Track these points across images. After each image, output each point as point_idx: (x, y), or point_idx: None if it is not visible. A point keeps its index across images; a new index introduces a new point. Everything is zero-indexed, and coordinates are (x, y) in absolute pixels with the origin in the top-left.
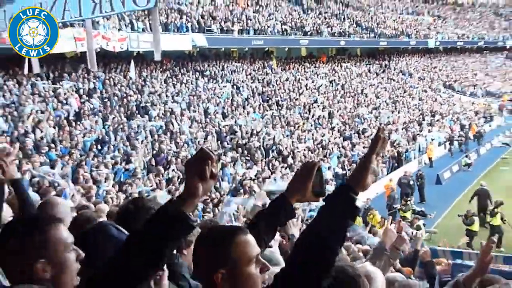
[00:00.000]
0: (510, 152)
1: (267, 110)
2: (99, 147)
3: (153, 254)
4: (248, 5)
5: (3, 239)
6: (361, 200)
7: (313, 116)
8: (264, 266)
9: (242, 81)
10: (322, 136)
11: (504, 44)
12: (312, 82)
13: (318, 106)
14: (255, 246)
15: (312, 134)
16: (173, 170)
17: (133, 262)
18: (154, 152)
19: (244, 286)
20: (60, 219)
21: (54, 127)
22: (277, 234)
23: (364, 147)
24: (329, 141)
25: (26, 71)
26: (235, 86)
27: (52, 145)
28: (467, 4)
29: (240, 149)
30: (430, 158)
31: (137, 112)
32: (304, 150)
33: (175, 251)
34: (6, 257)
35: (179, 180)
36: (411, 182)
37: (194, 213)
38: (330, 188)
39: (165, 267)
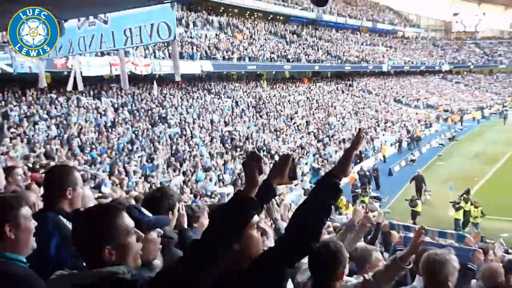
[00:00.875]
0: (445, 151)
1: (259, 119)
2: (129, 148)
3: (232, 228)
4: (244, 39)
5: (76, 225)
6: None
7: (294, 124)
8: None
9: (240, 97)
10: (301, 139)
11: (440, 68)
12: (293, 97)
13: (298, 116)
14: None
15: (293, 138)
16: (187, 165)
17: (220, 236)
18: (172, 151)
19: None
20: (123, 208)
21: (95, 133)
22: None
23: (333, 148)
24: (307, 143)
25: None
26: (234, 101)
27: (93, 147)
28: (412, 38)
29: (238, 149)
30: (384, 156)
31: (159, 121)
32: (287, 150)
33: (186, 224)
34: (78, 242)
35: (191, 172)
36: (368, 174)
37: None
38: (306, 178)
39: (175, 236)
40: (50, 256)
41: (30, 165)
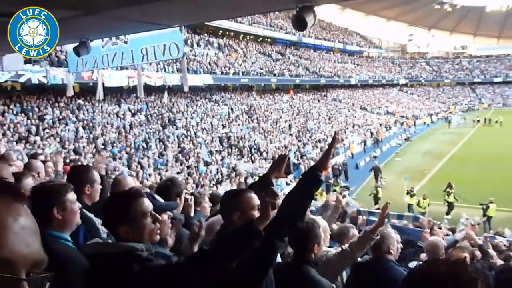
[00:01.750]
0: (401, 149)
1: (250, 123)
2: (144, 146)
3: (236, 252)
4: (238, 57)
5: (104, 207)
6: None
7: (279, 127)
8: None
9: (235, 105)
10: (285, 139)
11: (397, 82)
12: (279, 105)
13: (282, 120)
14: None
15: (279, 138)
16: (192, 160)
17: (224, 255)
18: (179, 149)
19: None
20: (142, 194)
21: (115, 133)
22: None
23: (311, 146)
24: (289, 142)
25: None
26: (230, 108)
27: (114, 145)
28: (375, 57)
29: (233, 148)
30: (351, 153)
31: (168, 124)
32: (274, 148)
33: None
34: (105, 221)
35: (194, 166)
36: (339, 168)
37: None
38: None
39: (182, 218)
40: (79, 244)
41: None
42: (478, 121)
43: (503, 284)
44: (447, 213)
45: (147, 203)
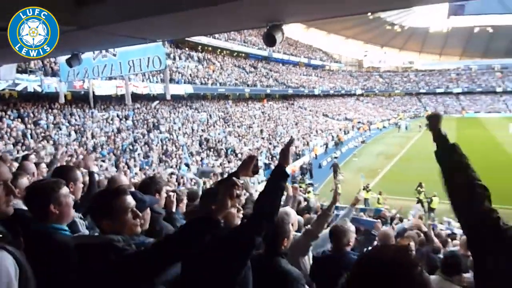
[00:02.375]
0: (358, 150)
1: (227, 128)
2: (130, 148)
3: (192, 239)
4: (216, 69)
5: (90, 203)
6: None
7: (252, 131)
8: None
9: (213, 111)
10: (257, 142)
11: (355, 92)
12: (252, 112)
13: (255, 125)
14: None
15: (252, 141)
16: (174, 161)
17: (182, 241)
18: (163, 151)
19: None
20: (125, 191)
21: (104, 137)
22: None
23: (280, 148)
24: (261, 145)
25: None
26: (208, 114)
27: (104, 147)
28: (335, 70)
29: (211, 150)
30: (315, 154)
31: (153, 128)
32: (248, 150)
33: (174, 208)
34: (91, 216)
35: (176, 166)
36: (305, 167)
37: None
38: (260, 171)
39: (163, 212)
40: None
41: None
42: (420, 126)
43: (450, 266)
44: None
45: (129, 200)
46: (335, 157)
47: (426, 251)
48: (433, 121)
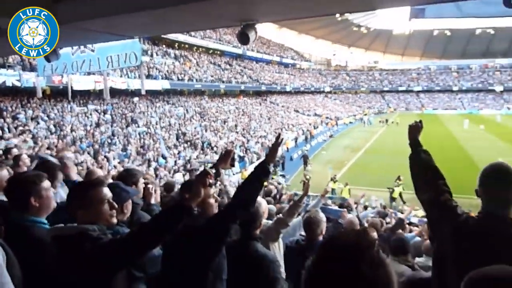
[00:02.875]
0: (326, 144)
1: (203, 122)
2: (109, 141)
3: (168, 226)
4: (192, 66)
5: (68, 195)
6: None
7: (227, 126)
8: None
9: (189, 106)
10: (232, 136)
11: (323, 90)
12: (227, 107)
13: (230, 120)
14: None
15: (227, 135)
16: (152, 154)
17: (158, 228)
18: (141, 144)
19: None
20: (102, 183)
21: (83, 130)
22: None
23: (253, 142)
24: (235, 139)
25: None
26: (185, 109)
27: (83, 140)
28: (306, 69)
29: (188, 143)
30: (287, 147)
31: (131, 122)
32: (223, 144)
33: (152, 200)
34: (67, 207)
35: (154, 159)
36: (279, 160)
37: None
38: (236, 163)
39: (141, 202)
40: None
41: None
42: (380, 121)
43: (396, 248)
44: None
45: (106, 191)
46: (306, 150)
47: (387, 235)
48: (413, 130)
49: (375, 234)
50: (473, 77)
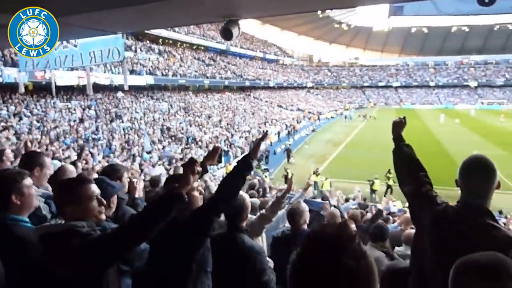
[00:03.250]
0: (309, 138)
1: (187, 117)
2: (93, 137)
3: (161, 214)
4: (176, 61)
5: (56, 190)
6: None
7: (211, 121)
8: None
9: (174, 102)
10: (216, 131)
11: (306, 85)
12: (211, 103)
13: (214, 115)
14: None
15: (211, 130)
16: (136, 149)
17: (150, 218)
18: (125, 140)
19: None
20: (90, 180)
21: (67, 126)
22: None
23: (237, 136)
24: (220, 133)
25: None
26: (169, 104)
27: (67, 136)
28: (288, 65)
29: (173, 138)
30: (270, 142)
31: (115, 118)
32: (207, 138)
33: (137, 194)
34: (55, 203)
35: (138, 153)
36: (263, 154)
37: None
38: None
39: (126, 197)
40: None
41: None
42: (359, 116)
43: (375, 235)
44: (385, 194)
45: (94, 188)
46: (289, 145)
47: (367, 226)
48: (397, 126)
49: (353, 226)
50: (449, 73)
